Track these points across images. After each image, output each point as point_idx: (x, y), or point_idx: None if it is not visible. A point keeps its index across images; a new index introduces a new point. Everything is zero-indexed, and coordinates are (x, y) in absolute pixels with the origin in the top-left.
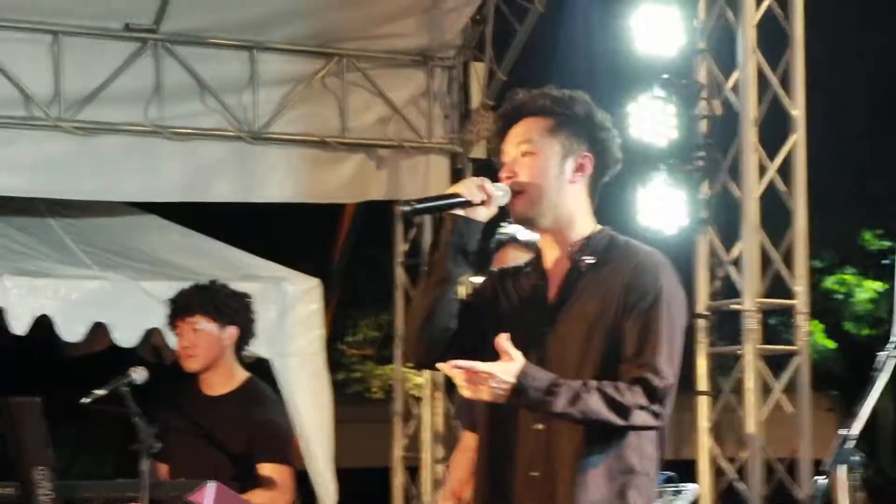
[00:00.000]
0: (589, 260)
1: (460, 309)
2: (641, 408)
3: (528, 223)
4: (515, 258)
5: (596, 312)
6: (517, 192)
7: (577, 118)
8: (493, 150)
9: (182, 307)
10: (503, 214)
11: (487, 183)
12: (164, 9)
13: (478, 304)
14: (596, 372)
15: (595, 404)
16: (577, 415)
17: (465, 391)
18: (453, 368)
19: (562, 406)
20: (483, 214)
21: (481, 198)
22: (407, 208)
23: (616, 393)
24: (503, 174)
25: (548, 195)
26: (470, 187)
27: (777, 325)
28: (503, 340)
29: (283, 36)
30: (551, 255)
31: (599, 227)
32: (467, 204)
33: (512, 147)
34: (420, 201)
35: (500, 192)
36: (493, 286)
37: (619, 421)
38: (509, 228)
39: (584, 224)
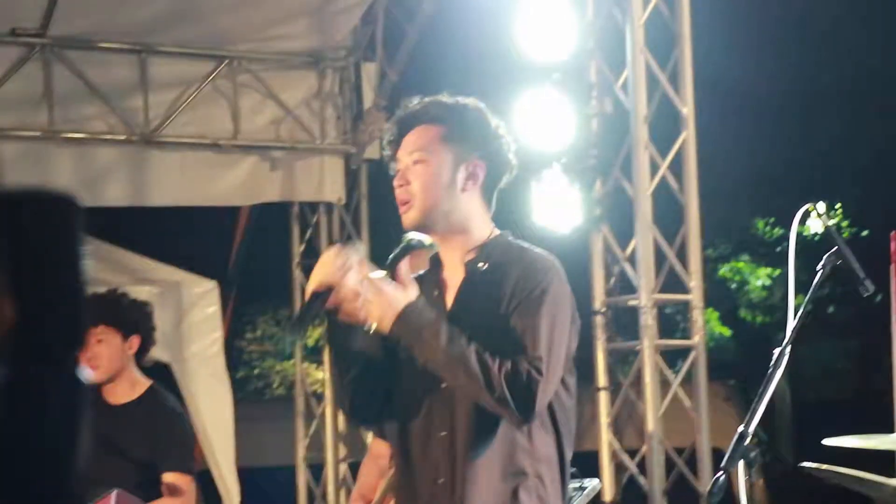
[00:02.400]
0: (482, 267)
1: (373, 344)
2: (506, 390)
3: (422, 231)
4: (421, 265)
5: (490, 317)
6: (406, 200)
7: (470, 126)
8: (389, 158)
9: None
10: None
11: (337, 249)
12: (50, 12)
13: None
14: None
15: (470, 357)
16: (448, 357)
17: (351, 318)
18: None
19: (441, 342)
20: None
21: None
22: (294, 325)
23: (491, 364)
24: (397, 182)
25: (440, 203)
26: (323, 279)
27: (674, 314)
28: (403, 267)
29: (173, 39)
30: (448, 263)
31: (497, 232)
32: (329, 291)
33: (405, 155)
34: (297, 314)
35: (354, 259)
36: None
37: (482, 386)
38: (416, 234)
39: (480, 230)
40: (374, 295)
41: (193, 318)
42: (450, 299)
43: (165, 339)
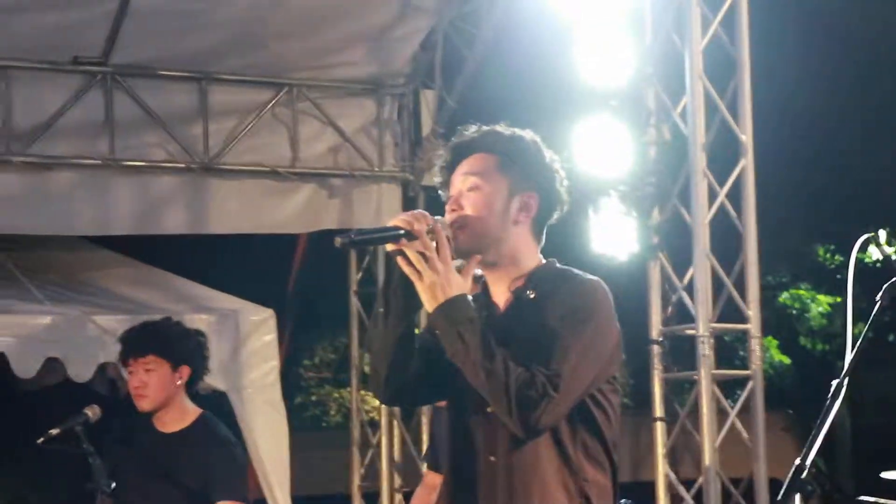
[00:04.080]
0: (531, 295)
1: (420, 345)
2: (514, 397)
3: (470, 256)
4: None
5: (534, 337)
6: (461, 225)
7: (525, 157)
8: (442, 184)
9: (134, 347)
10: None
11: (427, 215)
12: (112, 41)
13: (433, 338)
14: None
15: (497, 362)
16: (475, 358)
17: (408, 269)
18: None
19: (475, 342)
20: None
21: (421, 229)
22: (345, 240)
23: (512, 370)
24: (449, 207)
25: (491, 231)
26: (409, 219)
27: (732, 343)
28: (474, 264)
29: (233, 66)
30: (496, 290)
31: (544, 261)
32: (408, 236)
33: (459, 181)
34: (358, 233)
35: (442, 229)
36: None
37: (499, 390)
38: (457, 262)
39: (528, 262)
40: (442, 265)
41: (250, 347)
42: (497, 321)
43: (222, 368)
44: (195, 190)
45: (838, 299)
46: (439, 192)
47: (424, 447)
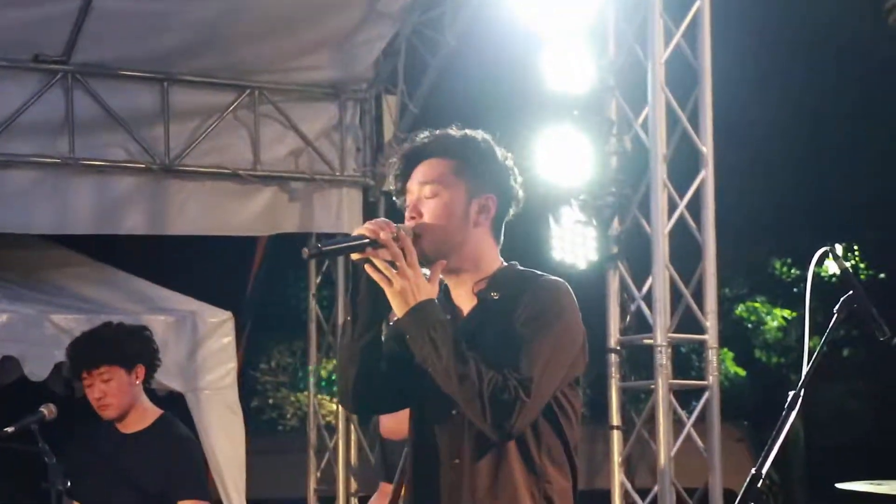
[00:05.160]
0: (495, 296)
1: (386, 353)
2: (488, 403)
3: (433, 262)
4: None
5: (500, 338)
6: (423, 233)
7: (480, 160)
8: (397, 192)
9: (85, 360)
10: None
11: (391, 223)
12: (74, 40)
13: (398, 346)
14: None
15: (468, 366)
16: (447, 362)
17: (377, 275)
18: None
19: (446, 346)
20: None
21: (388, 237)
22: (312, 251)
23: (484, 374)
24: (408, 214)
25: (453, 236)
26: (374, 228)
27: (689, 353)
28: (439, 268)
29: (195, 68)
30: (458, 294)
31: (506, 263)
32: (373, 244)
33: (416, 188)
34: (325, 243)
35: (407, 237)
36: None
37: (472, 396)
38: (423, 270)
39: (490, 264)
40: (411, 271)
41: (208, 349)
42: (461, 323)
43: (180, 369)
44: (155, 191)
45: (794, 313)
46: (394, 199)
47: None
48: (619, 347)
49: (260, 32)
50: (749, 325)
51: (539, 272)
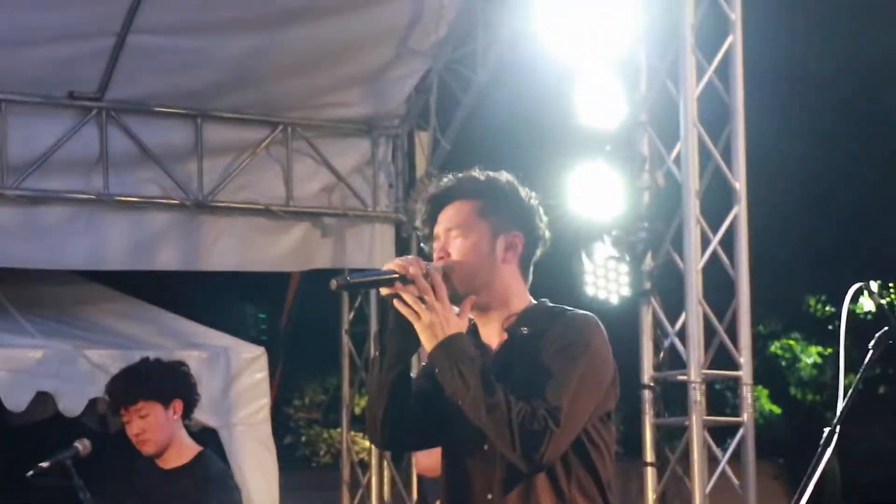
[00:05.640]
0: (524, 332)
1: (416, 390)
2: (517, 434)
3: (462, 300)
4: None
5: (529, 372)
6: (451, 270)
7: (504, 199)
8: (425, 237)
9: (123, 396)
10: None
11: (421, 261)
12: (108, 77)
13: (428, 383)
14: None
15: (497, 399)
16: (476, 396)
17: (405, 310)
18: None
19: (475, 380)
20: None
21: (417, 272)
22: (341, 282)
23: (513, 405)
24: (436, 255)
25: (481, 273)
26: (404, 264)
27: (723, 391)
28: (469, 303)
29: (228, 104)
30: (487, 332)
31: (535, 301)
32: (402, 280)
33: (442, 231)
34: (354, 276)
35: (436, 273)
36: None
37: (500, 427)
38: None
39: (519, 301)
40: (440, 305)
41: (241, 384)
42: (490, 358)
43: (213, 404)
44: (188, 226)
45: (829, 350)
46: (422, 245)
47: (415, 488)
48: (652, 384)
49: (292, 69)
50: (784, 363)
51: (568, 307)
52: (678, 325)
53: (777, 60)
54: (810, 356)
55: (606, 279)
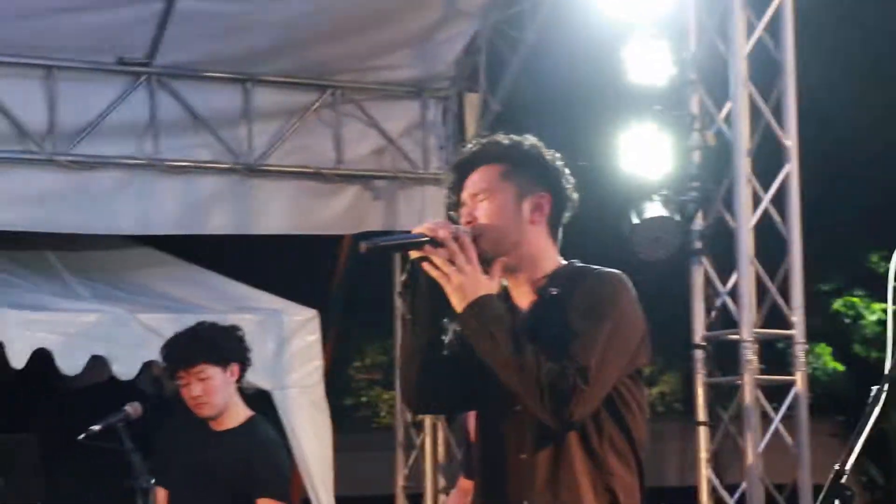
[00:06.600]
0: (554, 292)
1: (448, 353)
2: (546, 393)
3: (496, 261)
4: None
5: (558, 331)
6: (480, 233)
7: (529, 161)
8: (451, 205)
9: (182, 358)
10: None
11: (449, 224)
12: (157, 42)
13: (460, 347)
14: None
15: (527, 360)
16: (506, 357)
17: (435, 272)
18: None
19: (505, 341)
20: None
21: (447, 235)
22: (370, 245)
23: (542, 365)
24: (464, 220)
25: (509, 234)
26: (433, 227)
27: (786, 349)
28: (499, 264)
29: (278, 69)
30: (518, 293)
31: (565, 262)
32: (432, 243)
33: (468, 197)
34: (383, 239)
35: (466, 236)
36: None
37: (530, 387)
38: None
39: (549, 263)
40: (469, 267)
41: (294, 347)
42: (521, 319)
43: (266, 367)
44: (239, 190)
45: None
46: (450, 213)
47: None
48: (704, 343)
49: (341, 32)
50: (847, 320)
51: (597, 267)
52: (730, 284)
53: (831, 13)
54: (874, 313)
55: (656, 239)
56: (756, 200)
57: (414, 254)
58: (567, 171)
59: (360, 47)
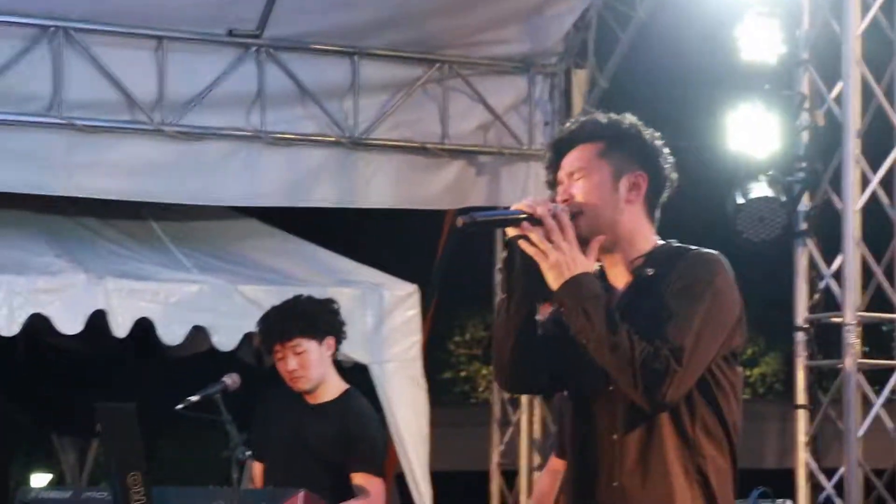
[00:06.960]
0: (650, 273)
1: (542, 333)
2: (639, 373)
3: (593, 239)
4: None
5: (654, 311)
6: (576, 213)
7: (627, 140)
8: (549, 183)
9: (278, 332)
10: None
11: (548, 201)
12: (267, 15)
13: (555, 327)
14: None
15: (621, 338)
16: (601, 335)
17: (532, 250)
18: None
19: (600, 319)
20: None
21: (545, 212)
22: (467, 220)
23: (637, 344)
24: (560, 198)
25: (606, 213)
26: (532, 204)
27: (888, 332)
28: (596, 242)
29: (385, 42)
30: (614, 273)
31: (662, 242)
32: (530, 220)
33: (565, 176)
34: (481, 215)
35: (565, 214)
36: None
37: (623, 366)
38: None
39: (645, 242)
40: (567, 245)
41: (393, 321)
42: (616, 299)
43: (365, 341)
44: (344, 163)
45: None
46: (548, 190)
47: None
48: (806, 325)
49: (449, 6)
50: None
51: (694, 247)
52: (834, 266)
53: None
54: None
55: (761, 219)
56: (864, 182)
57: (511, 231)
58: (666, 150)
59: (468, 22)
